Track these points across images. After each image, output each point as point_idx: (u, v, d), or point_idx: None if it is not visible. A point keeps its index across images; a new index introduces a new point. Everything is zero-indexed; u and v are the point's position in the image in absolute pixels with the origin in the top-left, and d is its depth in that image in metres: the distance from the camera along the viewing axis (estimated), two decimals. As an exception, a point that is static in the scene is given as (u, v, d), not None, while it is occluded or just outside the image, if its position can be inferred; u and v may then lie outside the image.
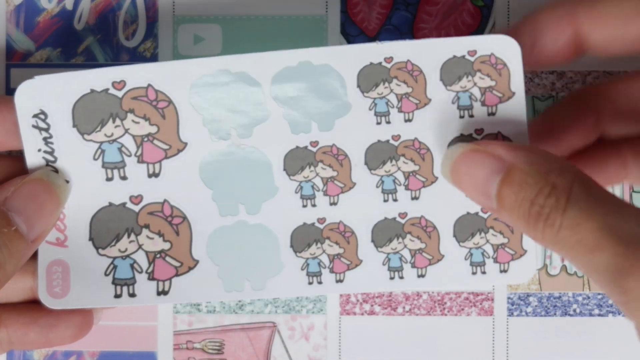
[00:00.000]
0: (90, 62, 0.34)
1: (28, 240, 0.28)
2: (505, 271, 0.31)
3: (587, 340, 0.35)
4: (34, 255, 0.31)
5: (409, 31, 0.35)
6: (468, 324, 0.35)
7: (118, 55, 0.35)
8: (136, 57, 0.35)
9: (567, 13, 0.29)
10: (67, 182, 0.30)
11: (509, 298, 0.35)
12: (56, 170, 0.30)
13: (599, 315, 0.35)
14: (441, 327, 0.35)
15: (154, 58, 0.35)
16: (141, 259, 0.30)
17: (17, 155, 0.34)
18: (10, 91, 0.34)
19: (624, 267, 0.23)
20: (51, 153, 0.30)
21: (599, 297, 0.35)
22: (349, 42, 0.35)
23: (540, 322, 0.35)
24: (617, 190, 0.35)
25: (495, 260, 0.31)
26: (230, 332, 0.35)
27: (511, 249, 0.31)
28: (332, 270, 0.31)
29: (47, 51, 0.34)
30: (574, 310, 0.35)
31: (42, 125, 0.30)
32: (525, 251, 0.31)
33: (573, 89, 0.34)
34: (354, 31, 0.35)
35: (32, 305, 0.31)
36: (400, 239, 0.31)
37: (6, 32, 0.35)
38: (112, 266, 0.30)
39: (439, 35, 0.35)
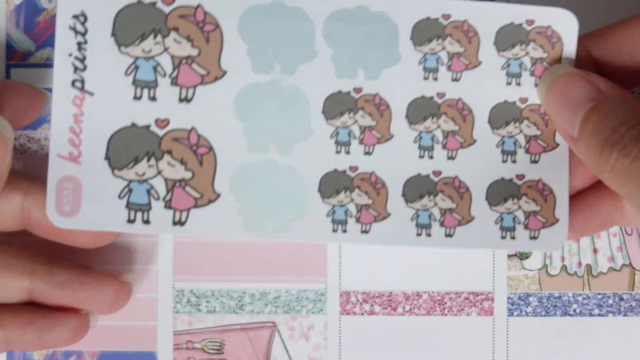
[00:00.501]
0: (90, 62, 0.34)
1: None
2: (535, 238, 0.30)
3: (587, 340, 0.35)
4: (29, 254, 0.31)
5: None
6: (468, 324, 0.35)
7: (118, 55, 0.35)
8: (136, 57, 0.35)
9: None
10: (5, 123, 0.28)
11: (509, 298, 0.35)
12: None
13: (599, 315, 0.35)
14: (441, 327, 0.35)
15: (154, 58, 0.35)
16: (159, 185, 0.29)
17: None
18: (10, 91, 0.34)
19: None
20: (82, 60, 0.29)
21: (599, 297, 0.35)
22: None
23: (540, 322, 0.35)
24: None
25: (526, 227, 0.30)
26: (230, 332, 0.35)
27: (543, 217, 0.30)
28: (358, 220, 0.30)
29: (47, 51, 0.34)
30: (574, 310, 0.35)
31: (80, 28, 0.28)
32: (557, 220, 0.30)
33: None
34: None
35: (29, 306, 0.31)
36: (431, 197, 0.30)
37: (6, 32, 0.35)
38: (127, 189, 0.29)
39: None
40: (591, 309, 0.35)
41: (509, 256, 0.35)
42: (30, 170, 0.34)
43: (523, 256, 0.35)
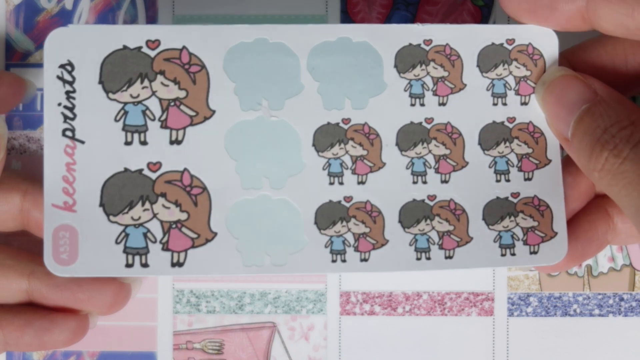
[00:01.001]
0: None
1: None
2: (535, 253, 0.30)
3: (587, 340, 0.35)
4: (27, 255, 0.31)
5: (409, 31, 0.35)
6: (468, 324, 0.35)
7: (118, 55, 0.35)
8: (136, 56, 0.35)
9: None
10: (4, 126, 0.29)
11: (509, 298, 0.35)
12: None
13: (599, 315, 0.35)
14: (441, 327, 0.35)
15: (153, 58, 0.35)
16: (155, 228, 0.29)
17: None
18: (9, 91, 0.34)
19: None
20: (71, 109, 0.29)
21: (599, 297, 0.35)
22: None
23: (540, 322, 0.35)
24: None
25: (525, 243, 0.30)
26: (230, 332, 0.35)
27: (541, 232, 0.30)
28: (357, 249, 0.30)
29: (47, 51, 0.34)
30: (574, 310, 0.35)
31: (67, 77, 0.29)
32: (556, 233, 0.30)
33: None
34: (354, 31, 0.35)
35: (28, 307, 0.31)
36: (428, 221, 0.30)
37: (6, 31, 0.34)
38: (123, 234, 0.29)
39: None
40: (591, 309, 0.35)
41: (509, 256, 0.35)
42: (29, 170, 0.34)
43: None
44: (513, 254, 0.30)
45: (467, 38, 0.30)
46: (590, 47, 0.30)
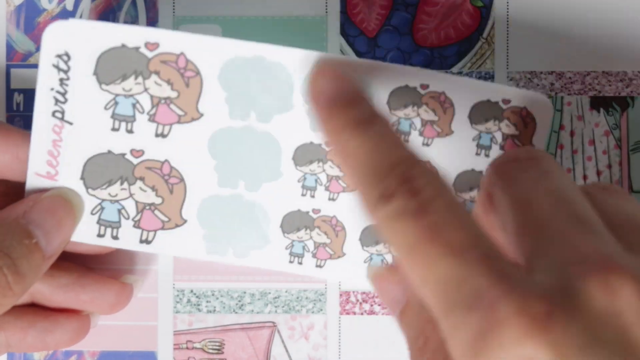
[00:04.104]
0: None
1: (45, 255, 0.28)
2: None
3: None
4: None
5: (409, 32, 0.35)
6: (467, 324, 0.35)
7: (118, 56, 0.35)
8: (136, 57, 0.35)
9: None
10: (81, 200, 0.30)
11: (508, 298, 0.35)
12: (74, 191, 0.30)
13: (598, 314, 0.35)
14: (440, 327, 0.35)
15: (154, 58, 0.35)
16: (130, 206, 0.30)
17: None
18: (10, 92, 0.34)
19: None
20: (63, 94, 0.29)
21: (598, 296, 0.35)
22: (349, 43, 0.35)
23: (539, 321, 0.35)
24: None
25: (314, 256, 0.32)
26: (230, 332, 0.35)
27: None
28: (314, 256, 0.32)
29: (48, 52, 0.34)
30: (573, 310, 0.35)
31: (63, 66, 0.29)
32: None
33: (572, 89, 0.34)
34: (353, 32, 0.35)
35: (30, 308, 0.31)
36: (382, 245, 0.32)
37: (6, 32, 0.35)
38: (99, 207, 0.30)
39: (438, 36, 0.35)
40: (590, 308, 0.35)
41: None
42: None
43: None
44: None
45: (464, 90, 0.30)
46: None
